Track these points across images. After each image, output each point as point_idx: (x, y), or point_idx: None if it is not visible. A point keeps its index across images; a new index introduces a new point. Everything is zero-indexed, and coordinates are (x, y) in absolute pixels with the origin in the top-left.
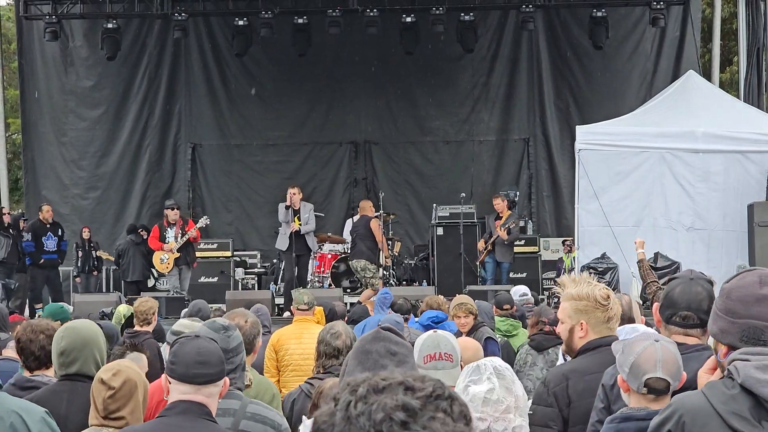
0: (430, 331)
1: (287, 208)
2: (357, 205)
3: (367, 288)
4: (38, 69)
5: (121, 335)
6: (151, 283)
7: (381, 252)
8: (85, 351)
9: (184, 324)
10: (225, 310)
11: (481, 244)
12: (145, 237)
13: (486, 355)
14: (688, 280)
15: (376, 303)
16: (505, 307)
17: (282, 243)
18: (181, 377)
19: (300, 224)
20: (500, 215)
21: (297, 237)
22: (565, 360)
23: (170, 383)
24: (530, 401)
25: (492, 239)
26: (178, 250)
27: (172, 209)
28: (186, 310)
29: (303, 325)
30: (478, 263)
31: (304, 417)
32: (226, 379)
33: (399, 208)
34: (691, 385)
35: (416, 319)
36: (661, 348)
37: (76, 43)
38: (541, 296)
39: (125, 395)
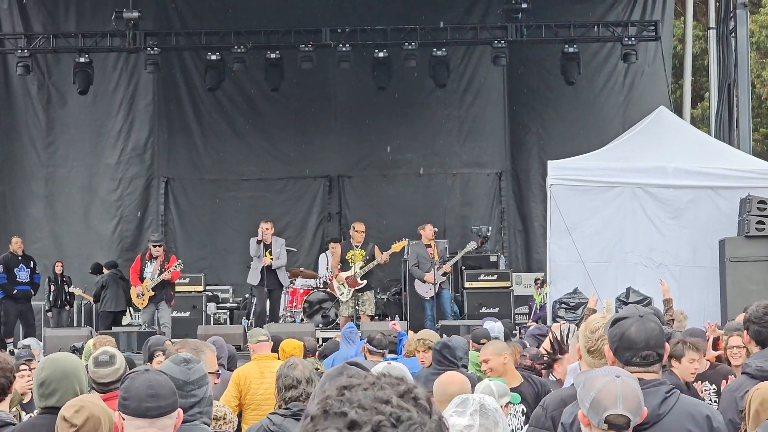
0: (384, 363)
1: (259, 242)
2: (330, 239)
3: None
4: (10, 103)
5: None
6: (127, 320)
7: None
8: (64, 383)
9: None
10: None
11: (431, 279)
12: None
13: None
14: (638, 317)
15: (342, 337)
16: (482, 341)
17: (254, 278)
18: (134, 412)
19: (272, 259)
20: (428, 244)
21: (269, 272)
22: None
23: (124, 419)
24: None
25: (454, 260)
26: (154, 288)
27: (155, 246)
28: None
29: (263, 363)
30: (429, 299)
31: None
32: (180, 410)
33: (372, 242)
34: (651, 419)
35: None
36: (621, 384)
37: (52, 77)
38: (513, 331)
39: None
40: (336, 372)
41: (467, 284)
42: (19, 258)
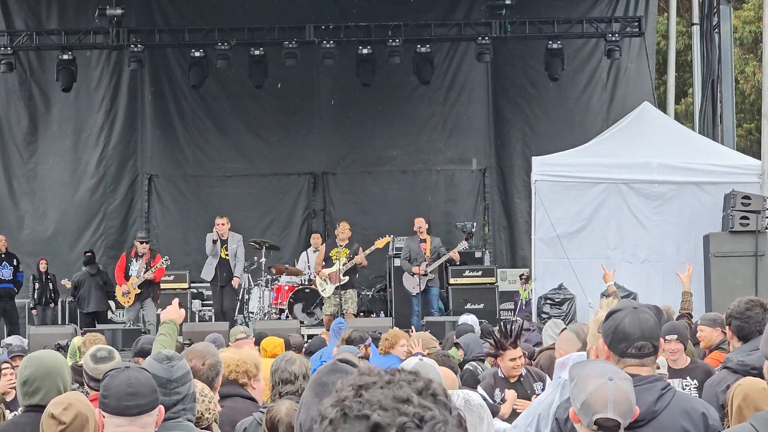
0: (416, 359)
1: (215, 242)
2: (313, 232)
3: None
4: None
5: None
6: (109, 314)
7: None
8: (47, 381)
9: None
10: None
11: (419, 270)
12: (99, 266)
13: None
14: (632, 309)
15: (331, 332)
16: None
17: (207, 273)
18: (113, 410)
19: (227, 255)
20: (423, 239)
21: (222, 268)
22: None
23: (104, 417)
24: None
25: (438, 263)
26: (139, 286)
27: (141, 243)
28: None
29: None
30: (415, 294)
31: None
32: (161, 407)
33: (356, 238)
34: (646, 416)
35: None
36: (614, 387)
37: (34, 74)
38: (496, 327)
39: (76, 429)
40: (328, 368)
41: (452, 280)
42: (2, 256)
